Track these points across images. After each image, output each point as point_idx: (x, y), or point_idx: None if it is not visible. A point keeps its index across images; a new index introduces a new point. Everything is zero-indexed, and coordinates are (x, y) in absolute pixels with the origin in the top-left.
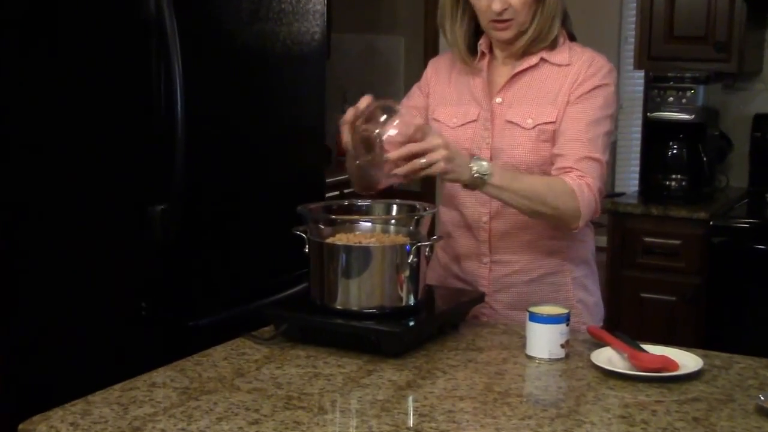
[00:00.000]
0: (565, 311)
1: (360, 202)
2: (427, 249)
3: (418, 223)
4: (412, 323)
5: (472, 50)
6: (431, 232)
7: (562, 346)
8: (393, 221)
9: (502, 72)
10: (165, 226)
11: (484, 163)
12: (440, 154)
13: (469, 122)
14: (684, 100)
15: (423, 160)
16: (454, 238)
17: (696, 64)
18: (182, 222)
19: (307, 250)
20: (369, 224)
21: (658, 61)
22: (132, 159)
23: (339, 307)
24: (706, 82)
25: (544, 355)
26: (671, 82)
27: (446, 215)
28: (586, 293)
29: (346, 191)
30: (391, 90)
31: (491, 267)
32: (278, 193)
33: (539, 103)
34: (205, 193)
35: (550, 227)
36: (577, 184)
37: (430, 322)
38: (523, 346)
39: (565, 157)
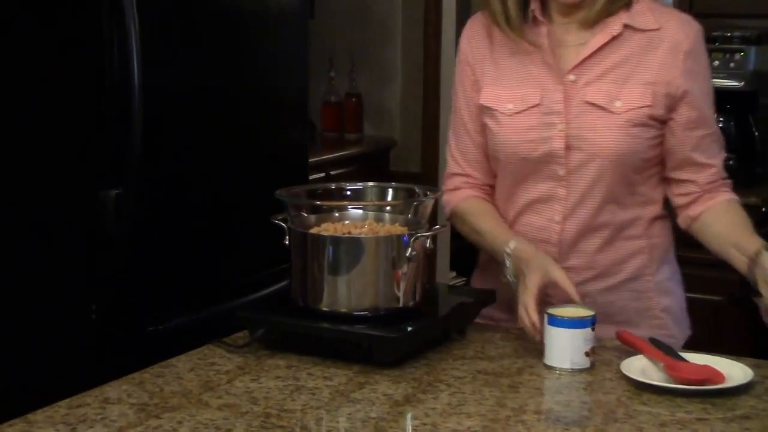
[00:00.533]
0: (591, 313)
1: (350, 186)
2: (429, 240)
3: (417, 209)
4: (410, 327)
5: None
6: (433, 220)
7: (587, 354)
8: (388, 208)
9: (566, 41)
10: (120, 214)
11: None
12: None
13: (531, 107)
14: (732, 65)
15: None
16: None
17: (746, 21)
18: (140, 208)
19: (287, 242)
20: (360, 211)
21: (701, 18)
22: (81, 135)
23: (325, 308)
24: (759, 43)
25: (566, 365)
26: (717, 43)
27: (504, 211)
28: (671, 299)
29: (332, 173)
30: (386, 54)
31: None
32: (254, 175)
33: (625, 82)
34: (167, 174)
35: (628, 223)
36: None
37: (433, 325)
38: (542, 354)
39: (714, 168)
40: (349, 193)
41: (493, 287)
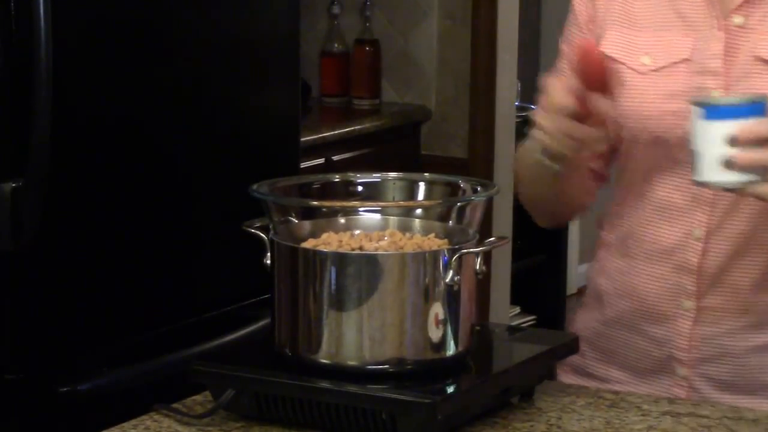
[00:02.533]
0: (762, 98)
1: (361, 178)
2: (479, 259)
3: (463, 214)
4: (451, 389)
5: None
6: (487, 229)
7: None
8: (419, 210)
9: None
10: (17, 217)
11: None
12: None
13: (677, 63)
14: None
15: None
16: (630, 259)
17: None
18: (48, 210)
19: (268, 262)
20: (377, 216)
21: None
22: None
23: (325, 360)
24: None
25: (710, 178)
26: None
27: (621, 217)
28: None
29: (335, 158)
30: None
31: (697, 318)
32: (218, 162)
33: None
34: (88, 161)
35: None
36: None
37: (485, 386)
38: (648, 428)
39: None
40: (360, 188)
41: (587, 334)
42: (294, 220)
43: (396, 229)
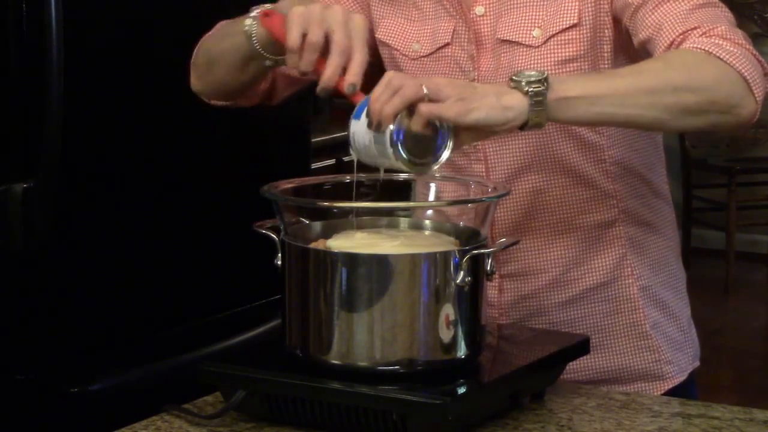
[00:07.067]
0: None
1: (372, 179)
2: (491, 260)
3: (475, 214)
4: (462, 389)
5: None
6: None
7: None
8: (430, 211)
9: None
10: (29, 220)
11: (527, 72)
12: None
13: (442, 47)
14: None
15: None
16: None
17: None
18: (59, 210)
19: (279, 263)
20: (388, 216)
21: None
22: None
23: (336, 361)
24: None
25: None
26: None
27: None
28: (665, 315)
29: (345, 158)
30: None
31: (501, 286)
32: (228, 162)
33: (545, 1)
34: (99, 161)
35: (593, 203)
36: (707, 43)
37: (495, 387)
38: (659, 429)
39: (661, 32)
40: (372, 189)
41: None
42: (305, 220)
43: (409, 228)
